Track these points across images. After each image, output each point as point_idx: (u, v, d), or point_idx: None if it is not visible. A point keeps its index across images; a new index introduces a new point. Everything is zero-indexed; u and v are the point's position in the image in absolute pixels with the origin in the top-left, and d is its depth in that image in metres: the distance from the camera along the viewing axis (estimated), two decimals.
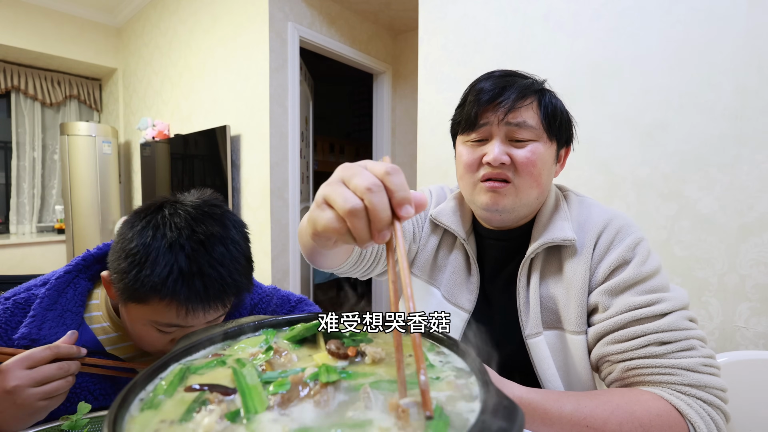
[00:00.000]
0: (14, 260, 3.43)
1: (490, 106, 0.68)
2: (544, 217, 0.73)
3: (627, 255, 0.66)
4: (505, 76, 0.71)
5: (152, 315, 0.60)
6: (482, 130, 0.70)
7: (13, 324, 0.64)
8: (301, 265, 2.85)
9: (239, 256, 0.64)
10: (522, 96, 0.68)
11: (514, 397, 0.53)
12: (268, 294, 0.90)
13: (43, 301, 0.65)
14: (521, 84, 0.69)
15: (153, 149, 3.28)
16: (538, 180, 0.69)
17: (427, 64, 1.79)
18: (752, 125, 1.09)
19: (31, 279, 0.72)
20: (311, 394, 0.34)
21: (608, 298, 0.65)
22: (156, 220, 0.60)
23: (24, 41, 3.42)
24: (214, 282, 0.59)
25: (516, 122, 0.67)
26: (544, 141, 0.69)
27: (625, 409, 0.56)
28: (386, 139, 3.58)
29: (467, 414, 0.32)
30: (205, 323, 0.65)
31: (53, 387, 0.53)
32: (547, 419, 0.54)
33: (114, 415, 0.30)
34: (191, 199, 0.65)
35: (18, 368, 0.52)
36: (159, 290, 0.57)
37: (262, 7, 2.48)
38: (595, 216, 0.71)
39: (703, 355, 0.59)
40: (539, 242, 0.70)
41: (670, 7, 1.20)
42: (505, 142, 0.68)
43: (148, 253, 0.57)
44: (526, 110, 0.68)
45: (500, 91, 0.68)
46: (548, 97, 0.71)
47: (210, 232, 0.61)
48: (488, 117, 0.69)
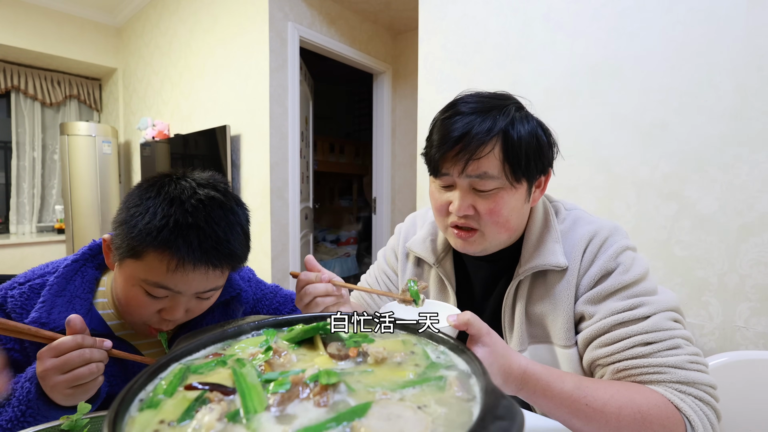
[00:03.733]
0: (14, 260, 3.43)
1: (450, 156, 0.65)
2: (533, 237, 0.73)
3: (610, 265, 0.66)
4: (470, 114, 0.65)
5: (144, 272, 0.61)
6: (445, 178, 0.69)
7: (29, 308, 0.66)
8: (301, 265, 2.85)
9: (236, 225, 0.66)
10: (481, 143, 0.63)
11: (519, 367, 0.54)
12: (272, 292, 0.91)
13: (52, 287, 0.67)
14: (483, 129, 0.63)
15: (153, 149, 3.28)
16: (505, 226, 0.69)
17: (427, 64, 1.79)
18: (752, 125, 1.09)
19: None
20: (310, 396, 0.34)
21: (593, 306, 0.66)
22: (162, 181, 0.64)
23: (24, 41, 3.42)
24: (209, 238, 0.61)
25: (477, 174, 0.64)
26: (510, 187, 0.66)
27: (626, 395, 0.56)
28: (386, 139, 3.58)
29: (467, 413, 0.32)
30: (195, 295, 0.65)
31: (75, 375, 0.54)
32: (548, 392, 0.55)
33: (114, 415, 0.30)
34: (198, 173, 0.69)
35: (47, 357, 0.54)
36: (154, 237, 0.59)
37: (262, 7, 2.48)
38: (581, 232, 0.71)
39: (689, 353, 0.60)
40: (529, 266, 0.70)
41: (670, 7, 1.20)
42: (468, 192, 0.67)
43: (148, 206, 0.61)
44: (487, 159, 0.64)
45: (459, 139, 0.64)
46: (515, 133, 0.64)
47: (211, 195, 0.64)
48: (449, 168, 0.67)
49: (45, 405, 0.57)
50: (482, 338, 0.51)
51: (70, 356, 0.54)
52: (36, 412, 0.57)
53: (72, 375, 0.54)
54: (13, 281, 0.70)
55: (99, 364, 0.57)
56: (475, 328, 0.50)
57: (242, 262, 0.69)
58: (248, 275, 0.89)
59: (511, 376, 0.53)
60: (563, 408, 0.56)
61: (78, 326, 0.56)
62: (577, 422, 0.56)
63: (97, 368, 0.56)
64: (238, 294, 0.82)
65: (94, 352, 0.56)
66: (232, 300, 0.82)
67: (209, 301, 0.70)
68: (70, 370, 0.54)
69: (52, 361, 0.54)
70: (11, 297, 0.67)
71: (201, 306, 0.69)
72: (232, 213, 0.66)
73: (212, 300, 0.70)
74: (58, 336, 0.56)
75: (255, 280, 0.90)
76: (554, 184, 1.44)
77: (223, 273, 0.67)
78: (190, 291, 0.64)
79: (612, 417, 0.55)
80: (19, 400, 0.57)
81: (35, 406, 0.56)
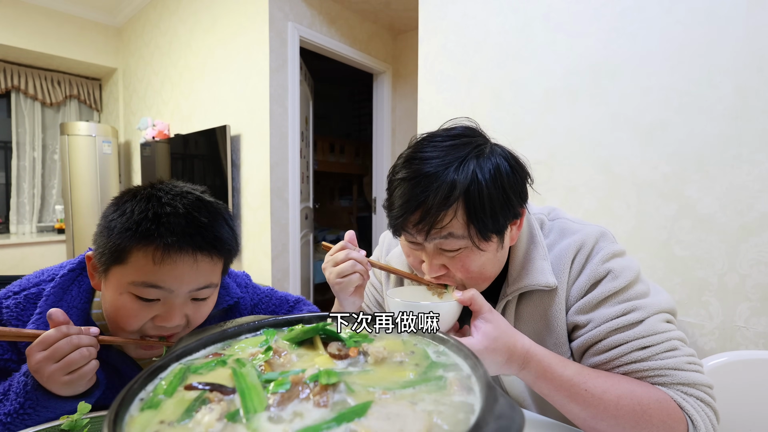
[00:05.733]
0: (14, 260, 3.43)
1: (411, 223, 0.61)
2: (519, 256, 0.69)
3: (598, 273, 0.65)
4: (429, 176, 0.59)
5: (131, 274, 0.60)
6: (411, 242, 0.66)
7: (25, 317, 0.66)
8: (301, 265, 2.85)
9: (218, 215, 0.66)
10: (441, 211, 0.58)
11: (523, 346, 0.54)
12: (267, 295, 0.91)
13: (48, 298, 0.66)
14: (442, 196, 0.58)
15: (153, 149, 3.28)
16: (481, 277, 0.66)
17: (427, 64, 1.79)
18: (752, 125, 1.09)
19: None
20: (310, 396, 0.34)
21: (585, 315, 0.65)
22: (137, 189, 0.65)
23: (24, 41, 3.42)
24: (191, 224, 0.61)
25: (442, 236, 0.61)
26: (476, 245, 0.61)
27: (627, 386, 0.57)
28: (386, 139, 3.58)
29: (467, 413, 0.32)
30: (189, 294, 0.63)
31: (67, 361, 0.55)
32: (549, 374, 0.55)
33: (114, 415, 0.30)
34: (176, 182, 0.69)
35: (36, 351, 0.55)
36: (135, 231, 0.59)
37: (262, 7, 2.48)
38: (567, 243, 0.69)
39: (686, 354, 0.60)
40: (516, 287, 0.68)
41: (670, 7, 1.20)
42: (437, 254, 0.64)
43: (125, 209, 0.61)
44: (450, 225, 0.60)
45: (418, 206, 0.59)
46: (476, 190, 0.58)
47: (187, 190, 0.65)
48: (412, 233, 0.63)
49: (44, 395, 0.57)
50: (485, 314, 0.51)
51: (59, 345, 0.54)
52: (35, 403, 0.57)
53: (64, 362, 0.54)
54: (7, 290, 0.69)
55: (90, 348, 0.57)
56: (478, 303, 0.51)
57: (231, 252, 0.68)
58: (245, 281, 0.88)
59: (515, 354, 0.53)
60: (562, 391, 0.56)
61: (60, 319, 0.57)
62: (575, 407, 0.56)
63: (89, 352, 0.56)
64: (237, 302, 0.81)
65: (82, 337, 0.56)
66: (231, 308, 0.81)
67: (207, 305, 0.68)
68: (62, 357, 0.55)
69: (41, 354, 0.54)
70: (6, 307, 0.66)
71: (199, 311, 0.67)
72: (213, 206, 0.66)
73: (210, 303, 0.69)
74: (41, 332, 0.56)
75: (251, 285, 0.89)
76: (554, 185, 1.44)
77: (213, 263, 0.65)
78: (182, 288, 0.62)
79: (611, 405, 0.55)
80: (17, 393, 0.57)
81: (33, 397, 0.56)
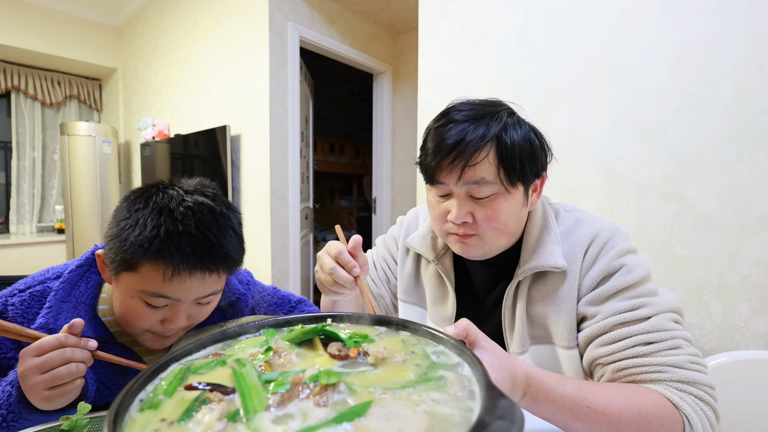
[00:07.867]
0: (14, 260, 3.43)
1: (445, 164, 0.66)
2: (532, 238, 0.73)
3: (612, 266, 0.67)
4: (463, 122, 0.66)
5: (141, 283, 0.61)
6: (442, 187, 0.69)
7: (30, 315, 0.66)
8: (301, 265, 2.85)
9: (228, 228, 0.66)
10: (476, 149, 0.64)
11: (523, 371, 0.53)
12: (269, 294, 0.91)
13: (57, 293, 0.67)
14: (476, 135, 0.64)
15: (153, 149, 3.28)
16: (504, 230, 0.69)
17: (427, 64, 1.79)
18: (752, 125, 1.09)
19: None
20: (310, 396, 0.34)
21: (595, 307, 0.67)
22: (150, 192, 0.64)
23: (24, 41, 3.42)
24: (201, 244, 0.61)
25: (474, 181, 0.65)
26: (506, 192, 0.67)
27: (625, 395, 0.57)
28: (386, 139, 3.58)
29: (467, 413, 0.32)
30: (195, 301, 0.65)
31: (53, 375, 0.53)
32: (550, 396, 0.55)
33: (114, 415, 0.30)
34: (186, 180, 0.69)
35: (29, 356, 0.54)
36: (147, 249, 0.59)
37: (262, 8, 2.48)
38: (582, 233, 0.71)
39: (689, 353, 0.60)
40: (527, 267, 0.71)
41: (670, 7, 1.20)
42: (466, 200, 0.68)
43: (138, 218, 0.61)
44: (482, 165, 0.65)
45: (454, 146, 0.65)
46: (508, 138, 0.65)
47: (200, 201, 0.64)
48: (445, 176, 0.67)
49: (26, 409, 0.56)
50: (480, 342, 0.50)
51: (50, 355, 0.53)
52: (18, 416, 0.56)
53: (50, 375, 0.53)
54: (12, 288, 0.69)
55: (79, 365, 0.56)
56: (473, 334, 0.50)
57: (238, 265, 0.69)
58: (246, 278, 0.89)
59: (518, 380, 0.52)
60: (566, 412, 0.55)
61: (74, 329, 0.56)
62: (580, 426, 0.55)
63: (77, 368, 0.55)
64: (238, 298, 0.82)
65: (76, 351, 0.55)
66: (232, 304, 0.82)
67: (210, 306, 0.69)
68: (50, 369, 0.53)
69: (32, 360, 0.53)
70: (12, 305, 0.66)
71: (203, 311, 0.68)
72: (222, 217, 0.66)
73: (213, 305, 0.70)
74: (42, 335, 0.56)
75: (253, 282, 0.90)
76: (554, 185, 1.44)
77: (220, 277, 0.66)
78: (189, 298, 0.64)
79: (613, 418, 0.55)
80: (0, 404, 0.56)
81: (16, 410, 0.56)
